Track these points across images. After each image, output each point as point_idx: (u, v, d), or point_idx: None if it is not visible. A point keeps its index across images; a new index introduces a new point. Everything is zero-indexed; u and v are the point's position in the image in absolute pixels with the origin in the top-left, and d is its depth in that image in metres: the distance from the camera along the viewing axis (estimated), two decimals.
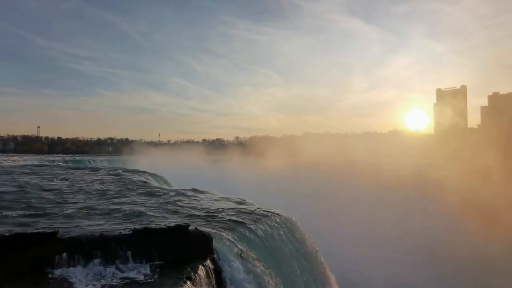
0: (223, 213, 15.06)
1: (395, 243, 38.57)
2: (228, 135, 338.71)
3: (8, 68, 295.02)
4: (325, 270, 16.13)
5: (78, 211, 14.64)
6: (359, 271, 28.84)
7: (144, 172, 40.08)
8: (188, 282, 8.63)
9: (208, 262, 10.05)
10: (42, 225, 11.85)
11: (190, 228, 10.63)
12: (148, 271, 9.07)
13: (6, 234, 9.16)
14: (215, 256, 10.56)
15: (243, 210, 15.88)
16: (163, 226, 10.61)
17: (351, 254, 32.27)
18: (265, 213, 15.52)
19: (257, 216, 14.75)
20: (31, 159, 79.17)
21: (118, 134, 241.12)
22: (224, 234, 11.97)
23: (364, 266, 31.07)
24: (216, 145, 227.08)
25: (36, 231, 9.62)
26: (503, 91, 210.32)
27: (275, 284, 11.58)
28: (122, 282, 8.43)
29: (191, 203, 17.66)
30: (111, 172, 39.05)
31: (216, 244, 10.91)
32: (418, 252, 37.31)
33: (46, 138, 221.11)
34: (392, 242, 38.75)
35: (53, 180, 27.88)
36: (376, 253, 35.06)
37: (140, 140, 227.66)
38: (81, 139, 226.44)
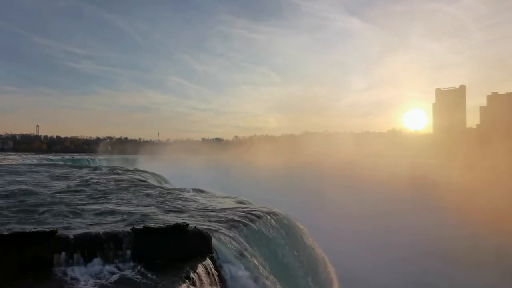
0: (222, 212, 15.07)
1: (395, 239, 38.91)
2: (227, 134, 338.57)
3: (6, 66, 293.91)
4: (325, 266, 16.16)
5: (77, 210, 14.62)
6: (360, 268, 28.95)
7: (143, 171, 40.12)
8: (187, 281, 8.65)
9: (207, 261, 10.07)
10: (41, 224, 11.83)
11: (189, 227, 10.64)
12: (147, 270, 9.08)
13: (5, 233, 9.12)
14: (214, 255, 10.59)
15: (242, 209, 15.89)
16: (162, 225, 10.61)
17: (351, 252, 32.37)
18: (264, 212, 15.52)
19: (256, 215, 14.76)
20: (30, 158, 79.05)
21: (117, 133, 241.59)
22: (223, 233, 11.99)
23: (365, 263, 31.24)
24: (215, 144, 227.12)
25: (35, 230, 9.57)
26: (502, 91, 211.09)
27: (274, 282, 11.60)
28: (121, 281, 8.44)
29: (190, 202, 17.67)
30: (110, 171, 39.06)
31: (215, 243, 10.93)
32: (418, 248, 37.73)
33: (45, 137, 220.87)
34: (392, 239, 39.07)
35: (52, 179, 27.84)
36: (376, 249, 35.29)
37: (139, 139, 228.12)
38: (80, 138, 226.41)
